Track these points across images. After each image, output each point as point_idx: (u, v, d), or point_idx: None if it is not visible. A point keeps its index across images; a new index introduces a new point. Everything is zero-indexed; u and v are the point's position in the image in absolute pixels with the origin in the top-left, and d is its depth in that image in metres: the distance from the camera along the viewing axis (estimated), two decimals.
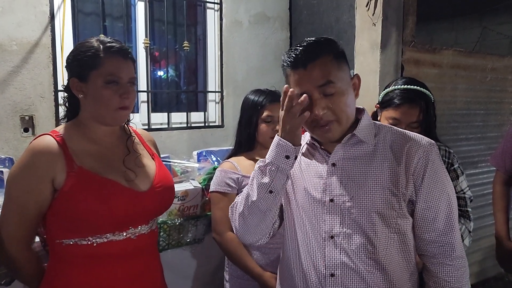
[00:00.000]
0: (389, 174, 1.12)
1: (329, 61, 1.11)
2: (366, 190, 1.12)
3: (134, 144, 1.37)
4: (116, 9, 2.56)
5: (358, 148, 1.17)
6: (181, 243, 1.88)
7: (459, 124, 2.87)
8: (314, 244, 1.17)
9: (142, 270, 1.31)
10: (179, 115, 2.77)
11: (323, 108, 1.10)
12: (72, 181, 1.17)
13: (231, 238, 1.71)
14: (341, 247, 1.13)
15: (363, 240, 1.12)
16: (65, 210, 1.18)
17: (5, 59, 2.08)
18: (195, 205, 1.94)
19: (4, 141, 2.11)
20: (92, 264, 1.22)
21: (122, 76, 1.23)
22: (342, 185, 1.14)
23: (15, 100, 2.13)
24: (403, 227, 1.15)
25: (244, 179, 1.73)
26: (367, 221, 1.12)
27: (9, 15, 2.08)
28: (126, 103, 1.24)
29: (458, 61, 2.76)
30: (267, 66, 3.03)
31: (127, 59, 1.26)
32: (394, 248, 1.14)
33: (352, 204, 1.13)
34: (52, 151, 1.18)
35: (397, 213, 1.13)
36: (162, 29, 2.72)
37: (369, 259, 1.13)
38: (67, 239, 1.20)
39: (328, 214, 1.15)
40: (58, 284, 1.24)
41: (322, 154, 1.20)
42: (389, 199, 1.12)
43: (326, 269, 1.14)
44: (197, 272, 2.01)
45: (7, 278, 1.47)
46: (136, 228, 1.27)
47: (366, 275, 1.13)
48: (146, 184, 1.30)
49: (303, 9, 3.03)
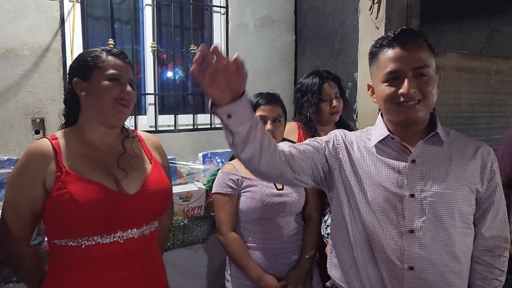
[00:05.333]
0: (468, 173, 1.22)
1: (425, 46, 1.20)
2: (448, 187, 1.19)
3: (131, 146, 1.39)
4: (124, 13, 2.62)
5: (436, 146, 1.24)
6: (186, 243, 1.93)
7: (463, 126, 2.88)
8: (391, 239, 1.19)
9: (134, 274, 1.30)
10: (186, 117, 2.82)
11: (414, 87, 1.16)
12: (59, 183, 1.21)
13: (234, 239, 1.75)
14: (421, 241, 1.18)
15: (443, 234, 1.18)
16: (53, 211, 1.23)
17: (17, 63, 2.15)
18: (199, 206, 1.99)
19: (16, 143, 2.18)
20: (82, 266, 1.24)
21: (123, 76, 1.30)
22: (423, 181, 1.20)
23: (27, 103, 2.19)
24: (472, 223, 1.25)
25: (244, 180, 1.77)
26: (448, 216, 1.18)
27: (21, 21, 2.14)
28: (125, 98, 1.29)
29: (462, 63, 2.77)
30: (272, 69, 3.07)
31: (126, 62, 1.34)
32: (467, 242, 1.23)
33: (434, 199, 1.19)
34: (45, 154, 1.24)
35: (472, 210, 1.23)
36: (170, 32, 2.77)
37: (446, 253, 1.19)
38: (59, 239, 1.25)
39: (408, 209, 1.19)
40: (54, 284, 1.27)
41: (401, 149, 1.24)
42: (468, 196, 1.21)
43: (404, 263, 1.18)
44: (201, 271, 2.06)
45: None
46: (125, 231, 1.27)
47: (443, 268, 1.19)
48: (134, 187, 1.30)
49: (308, 12, 3.06)
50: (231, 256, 1.78)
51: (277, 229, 1.76)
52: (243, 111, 1.00)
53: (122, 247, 1.26)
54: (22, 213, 1.24)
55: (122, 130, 1.41)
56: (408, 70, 1.16)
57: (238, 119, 1.00)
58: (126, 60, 1.34)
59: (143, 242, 1.33)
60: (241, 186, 1.77)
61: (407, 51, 1.17)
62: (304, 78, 2.11)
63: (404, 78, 1.16)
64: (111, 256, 1.25)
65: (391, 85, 1.18)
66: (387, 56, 1.19)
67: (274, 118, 1.80)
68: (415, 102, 1.17)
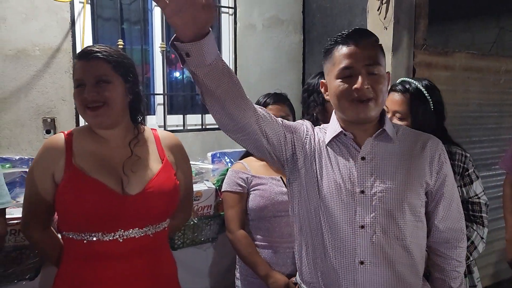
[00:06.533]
0: (417, 167, 1.24)
1: (378, 45, 1.24)
2: (397, 182, 1.22)
3: (140, 146, 1.38)
4: (133, 14, 2.65)
5: (385, 143, 1.26)
6: (196, 242, 1.95)
7: (472, 126, 2.87)
8: (344, 234, 1.21)
9: (137, 272, 1.31)
10: (194, 117, 2.83)
11: (367, 84, 1.18)
12: (66, 178, 1.26)
13: (242, 236, 1.77)
14: (372, 236, 1.19)
15: (394, 229, 1.21)
16: (60, 205, 1.28)
17: (28, 63, 2.18)
18: (209, 205, 2.00)
19: (27, 142, 2.21)
20: (85, 260, 1.27)
21: (86, 77, 1.26)
22: (372, 178, 1.22)
23: (38, 103, 2.22)
24: (423, 216, 1.27)
25: (253, 178, 1.79)
26: (398, 211, 1.21)
27: (32, 22, 2.17)
28: (88, 100, 1.25)
29: (471, 63, 2.77)
30: (280, 69, 3.08)
31: (89, 60, 1.27)
32: (418, 235, 1.25)
33: (383, 195, 1.21)
34: (57, 148, 1.29)
35: (421, 203, 1.26)
36: None
37: (398, 246, 1.21)
38: (66, 231, 1.29)
39: (359, 205, 1.21)
40: (64, 275, 1.31)
41: (353, 146, 1.26)
42: (417, 190, 1.24)
43: (356, 258, 1.20)
44: (211, 270, 2.07)
45: (31, 272, 1.56)
46: (126, 231, 1.28)
47: (395, 262, 1.21)
48: (137, 188, 1.30)
49: (316, 13, 3.07)
50: (239, 253, 1.79)
51: (285, 227, 1.77)
52: (203, 53, 0.94)
53: (121, 246, 1.27)
54: (35, 202, 1.31)
55: (134, 128, 1.40)
56: (361, 67, 1.19)
57: (196, 60, 0.95)
58: (90, 56, 1.27)
59: (145, 242, 1.32)
60: (250, 185, 1.79)
61: (361, 48, 1.19)
62: (311, 79, 2.12)
63: (357, 74, 1.18)
64: (111, 253, 1.27)
65: (345, 82, 1.20)
66: (341, 53, 1.21)
67: (282, 117, 1.80)
68: (368, 99, 1.19)
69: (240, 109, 1.09)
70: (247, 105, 1.11)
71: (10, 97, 2.14)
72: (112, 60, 1.29)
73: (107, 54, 1.29)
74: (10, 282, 1.53)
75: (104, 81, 1.27)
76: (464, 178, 1.67)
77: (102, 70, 1.27)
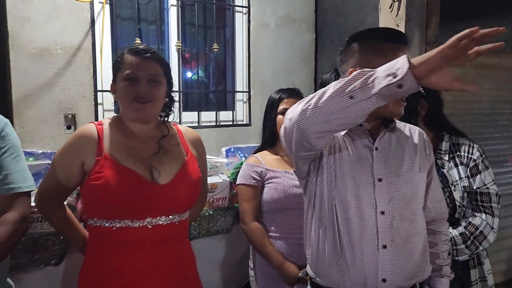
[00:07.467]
0: (419, 155, 1.35)
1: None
2: (408, 169, 1.31)
3: (169, 142, 1.46)
4: (150, 14, 2.73)
5: (393, 134, 1.35)
6: (211, 232, 2.02)
7: (484, 123, 2.88)
8: (367, 220, 1.26)
9: (164, 261, 1.37)
10: (209, 114, 2.90)
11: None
12: (98, 167, 1.32)
13: (256, 228, 1.83)
14: (391, 221, 1.26)
15: (409, 213, 1.30)
16: (90, 193, 1.33)
17: (51, 61, 2.26)
18: (224, 197, 2.07)
19: (50, 137, 2.29)
20: (114, 247, 1.33)
21: (139, 73, 1.35)
22: (387, 167, 1.29)
23: (60, 100, 2.31)
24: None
25: (267, 172, 1.85)
26: (411, 197, 1.31)
27: (54, 21, 2.26)
28: (141, 95, 1.34)
29: (482, 60, 2.77)
30: (293, 67, 3.13)
31: (146, 58, 1.37)
32: (423, 219, 1.36)
33: (400, 182, 1.29)
34: (89, 137, 1.36)
35: (424, 188, 1.37)
36: (193, 32, 2.87)
37: (413, 229, 1.30)
38: (94, 219, 1.35)
39: (379, 193, 1.27)
40: (91, 264, 1.38)
41: (367, 137, 1.32)
42: (423, 176, 1.36)
43: (380, 242, 1.25)
44: (225, 260, 2.14)
45: (56, 258, 1.64)
46: (154, 218, 1.35)
47: (412, 245, 1.29)
48: (166, 178, 1.37)
49: (328, 11, 3.11)
50: (253, 244, 1.85)
51: (298, 219, 1.81)
52: (403, 94, 1.03)
53: (150, 232, 1.34)
54: (55, 184, 1.38)
55: (162, 124, 1.49)
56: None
57: (399, 94, 1.02)
58: (146, 55, 1.37)
59: (172, 229, 1.39)
60: (264, 178, 1.84)
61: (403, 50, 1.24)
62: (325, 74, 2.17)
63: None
64: (141, 240, 1.34)
65: None
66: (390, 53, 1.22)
67: None
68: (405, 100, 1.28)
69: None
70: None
71: (33, 94, 2.23)
72: (163, 64, 1.43)
73: (160, 58, 1.42)
74: (37, 267, 1.61)
75: (156, 81, 1.38)
76: (471, 169, 1.69)
77: (156, 71, 1.39)
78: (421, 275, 1.33)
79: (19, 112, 2.19)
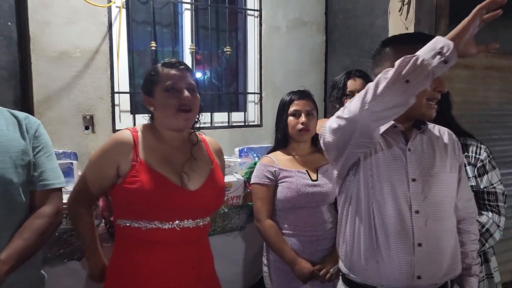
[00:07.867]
0: (450, 155, 1.40)
1: None
2: (440, 170, 1.36)
3: (198, 151, 1.54)
4: (165, 17, 2.80)
5: (424, 135, 1.40)
6: (226, 230, 2.09)
7: (493, 124, 2.90)
8: (402, 219, 1.30)
9: (189, 261, 1.46)
10: (221, 115, 2.96)
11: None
12: (133, 171, 1.39)
13: (270, 225, 1.89)
14: (426, 220, 1.31)
15: (442, 212, 1.34)
16: (124, 195, 1.40)
17: (70, 64, 2.34)
18: (238, 195, 2.13)
19: (69, 138, 2.37)
20: (142, 247, 1.41)
21: (178, 83, 1.43)
22: (420, 167, 1.34)
23: (79, 101, 2.38)
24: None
25: (281, 171, 1.91)
26: (444, 196, 1.35)
27: (73, 26, 2.33)
28: (185, 104, 1.42)
29: (491, 62, 2.81)
30: (304, 69, 3.18)
31: (181, 70, 1.46)
32: (455, 217, 1.41)
33: (433, 182, 1.33)
34: (125, 143, 1.42)
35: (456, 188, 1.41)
36: (206, 34, 2.93)
37: (445, 227, 1.35)
38: (124, 219, 1.43)
39: (414, 193, 1.32)
40: (118, 262, 1.46)
41: (400, 139, 1.37)
42: (454, 177, 1.40)
43: (415, 240, 1.30)
44: (239, 257, 2.20)
45: (79, 253, 1.71)
46: (182, 221, 1.42)
47: (445, 244, 1.34)
48: (195, 184, 1.46)
49: (338, 14, 3.16)
50: (267, 241, 1.91)
51: (311, 217, 1.88)
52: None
53: (178, 234, 1.42)
54: (88, 185, 1.45)
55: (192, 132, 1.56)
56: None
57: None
58: (181, 67, 1.46)
59: (197, 232, 1.48)
60: (278, 177, 1.90)
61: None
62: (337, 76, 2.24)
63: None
64: (169, 241, 1.42)
65: None
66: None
67: (307, 112, 1.93)
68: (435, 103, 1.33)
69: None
70: None
71: (54, 96, 2.30)
72: (194, 75, 1.53)
73: (191, 70, 1.53)
74: (61, 261, 1.69)
75: (193, 90, 1.46)
76: (478, 169, 1.73)
77: (192, 81, 1.48)
78: (452, 273, 1.36)
79: (40, 113, 2.27)
